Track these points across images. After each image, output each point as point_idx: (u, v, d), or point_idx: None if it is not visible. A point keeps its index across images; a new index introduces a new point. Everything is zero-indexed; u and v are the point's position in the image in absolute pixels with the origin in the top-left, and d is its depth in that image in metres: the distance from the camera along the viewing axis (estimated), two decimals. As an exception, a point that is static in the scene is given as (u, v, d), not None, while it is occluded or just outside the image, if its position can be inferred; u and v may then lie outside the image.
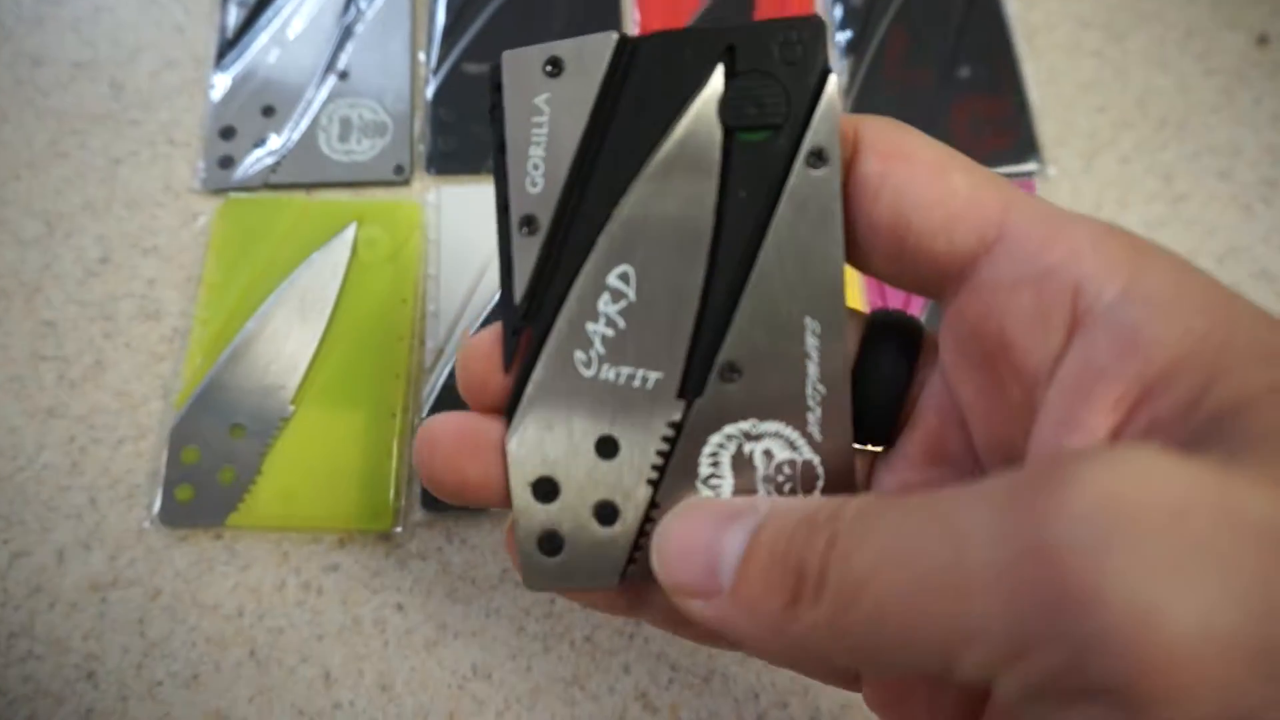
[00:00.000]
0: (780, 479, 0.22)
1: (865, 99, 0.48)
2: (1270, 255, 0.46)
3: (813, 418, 0.22)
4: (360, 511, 0.39)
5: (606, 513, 0.22)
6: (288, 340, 0.41)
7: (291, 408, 0.40)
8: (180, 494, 0.39)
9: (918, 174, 0.20)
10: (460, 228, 0.44)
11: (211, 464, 0.39)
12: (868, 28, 0.50)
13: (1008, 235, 0.19)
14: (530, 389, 0.22)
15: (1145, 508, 0.13)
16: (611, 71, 0.21)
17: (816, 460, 0.22)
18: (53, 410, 0.40)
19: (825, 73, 0.21)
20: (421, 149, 0.46)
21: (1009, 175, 0.47)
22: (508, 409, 0.22)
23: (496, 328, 0.23)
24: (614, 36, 0.21)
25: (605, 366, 0.22)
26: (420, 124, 0.47)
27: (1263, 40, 0.51)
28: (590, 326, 0.22)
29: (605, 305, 0.21)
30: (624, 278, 0.21)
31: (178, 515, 0.38)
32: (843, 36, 0.50)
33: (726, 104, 0.21)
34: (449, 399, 0.41)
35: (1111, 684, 0.13)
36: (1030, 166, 0.47)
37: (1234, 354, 0.16)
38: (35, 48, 0.48)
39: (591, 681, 0.37)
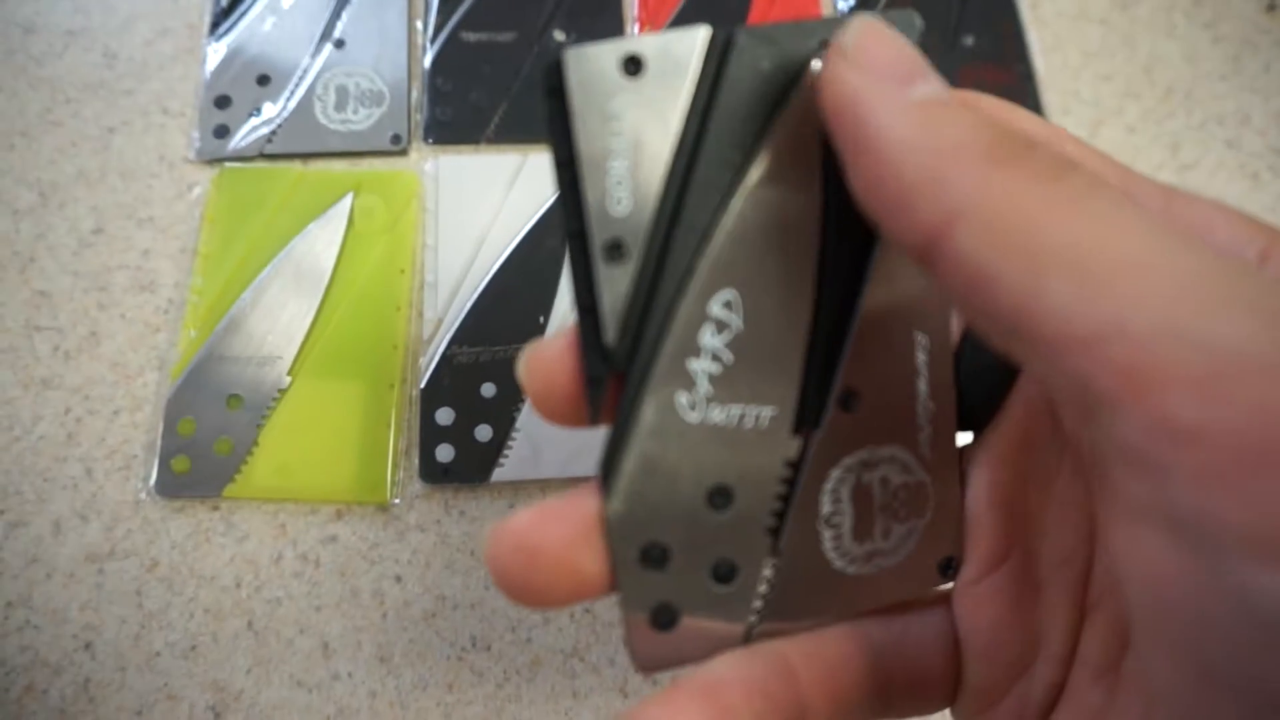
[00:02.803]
0: (895, 504, 0.21)
1: (868, 67, 0.48)
2: (1279, 224, 0.45)
3: (923, 437, 0.21)
4: (358, 483, 0.39)
5: (724, 571, 0.20)
6: (284, 311, 0.41)
7: (288, 379, 0.40)
8: (176, 465, 0.38)
9: None
10: (458, 198, 0.44)
11: (208, 435, 0.39)
12: (871, -5, 0.49)
13: None
14: (629, 442, 0.19)
15: None
16: (701, 70, 0.19)
17: (928, 480, 0.21)
18: (48, 381, 0.40)
19: None
20: (419, 118, 0.46)
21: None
22: (602, 469, 0.19)
23: (562, 338, 0.20)
24: (703, 31, 0.19)
25: (713, 407, 0.19)
26: (417, 93, 0.46)
27: (1272, 7, 0.50)
28: (693, 364, 0.19)
29: (709, 338, 0.19)
30: (728, 305, 0.19)
31: (174, 486, 0.38)
32: (845, 4, 0.49)
33: None
34: (446, 371, 0.40)
35: None
36: (1035, 135, 0.46)
37: None
38: (27, 16, 0.47)
39: (591, 653, 0.37)
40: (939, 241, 0.15)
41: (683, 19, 0.49)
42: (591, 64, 0.18)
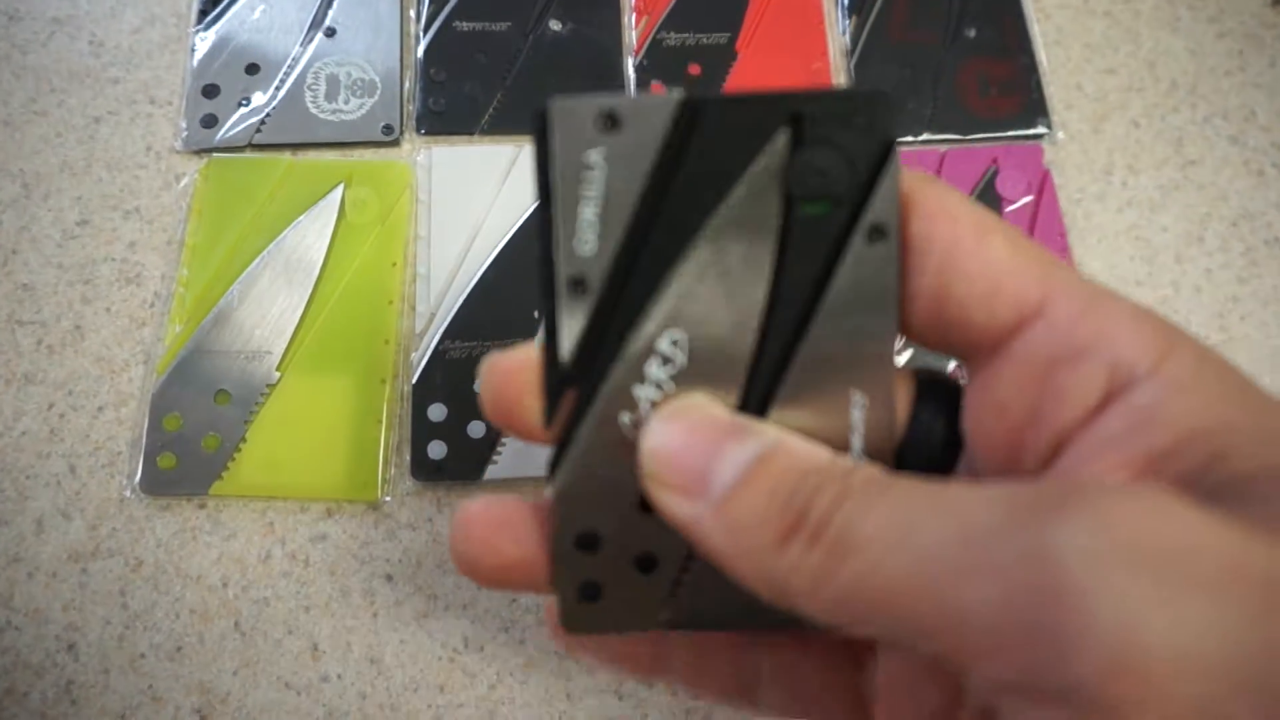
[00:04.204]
0: None
1: (867, 62, 0.47)
2: (1283, 221, 0.44)
3: None
4: (348, 480, 0.38)
5: (646, 564, 0.22)
6: (273, 305, 0.40)
7: (277, 374, 0.39)
8: (162, 462, 0.37)
9: (962, 237, 0.20)
10: (451, 189, 0.43)
11: (194, 431, 0.38)
12: (871, -13, 0.48)
13: (1046, 312, 0.20)
14: (574, 447, 0.21)
15: (1153, 541, 0.15)
16: (672, 131, 0.20)
17: None
18: (31, 376, 0.39)
19: (889, 144, 0.20)
20: (411, 109, 0.45)
21: (1018, 139, 0.46)
22: (550, 464, 0.21)
23: (523, 353, 0.22)
24: (677, 96, 0.20)
25: None
26: (410, 83, 0.46)
27: (1277, 2, 0.50)
28: (638, 390, 0.21)
29: (655, 369, 0.21)
30: (676, 343, 0.21)
31: (160, 483, 0.37)
32: (843, 2, 0.48)
33: (790, 173, 0.20)
34: (439, 366, 0.40)
35: (1085, 683, 0.14)
36: (1039, 130, 0.46)
37: (1240, 435, 0.17)
38: (12, 3, 0.46)
39: (585, 654, 0.36)
40: (804, 611, 0.17)
41: (679, 9, 0.48)
42: (573, 116, 0.20)
